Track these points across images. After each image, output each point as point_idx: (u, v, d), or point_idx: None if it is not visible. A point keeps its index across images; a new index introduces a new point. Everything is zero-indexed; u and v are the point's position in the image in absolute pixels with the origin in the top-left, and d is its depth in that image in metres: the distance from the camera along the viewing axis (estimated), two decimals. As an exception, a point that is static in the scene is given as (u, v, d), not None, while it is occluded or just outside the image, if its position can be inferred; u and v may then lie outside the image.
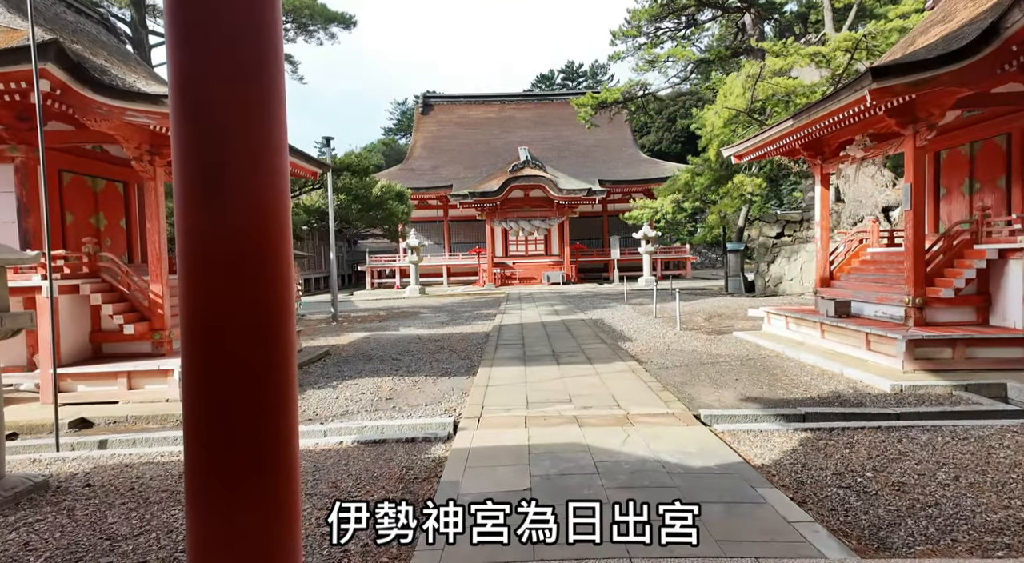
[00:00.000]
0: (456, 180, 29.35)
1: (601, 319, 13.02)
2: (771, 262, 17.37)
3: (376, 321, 14.98)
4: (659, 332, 10.63)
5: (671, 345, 9.14)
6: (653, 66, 20.31)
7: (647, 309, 14.77)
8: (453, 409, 5.96)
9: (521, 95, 39.27)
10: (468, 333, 11.90)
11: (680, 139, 55.01)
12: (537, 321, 13.13)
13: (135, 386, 6.13)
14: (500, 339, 10.49)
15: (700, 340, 9.55)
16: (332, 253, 14.93)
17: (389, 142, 60.53)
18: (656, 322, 12.14)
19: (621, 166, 31.64)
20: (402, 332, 12.51)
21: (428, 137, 35.74)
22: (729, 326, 11.14)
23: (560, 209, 27.93)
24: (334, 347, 10.63)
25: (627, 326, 11.64)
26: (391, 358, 9.25)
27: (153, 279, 6.67)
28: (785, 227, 17.47)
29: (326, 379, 7.74)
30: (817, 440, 4.54)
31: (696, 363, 7.72)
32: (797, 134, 7.72)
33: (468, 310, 17.24)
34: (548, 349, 9.19)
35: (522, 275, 29.08)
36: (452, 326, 13.27)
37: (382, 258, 31.10)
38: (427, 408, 6.06)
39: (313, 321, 15.30)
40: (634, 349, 8.95)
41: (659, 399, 5.86)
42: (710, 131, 16.76)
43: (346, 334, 12.44)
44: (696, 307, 14.64)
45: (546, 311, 15.40)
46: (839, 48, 14.41)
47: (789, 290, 16.52)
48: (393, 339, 11.38)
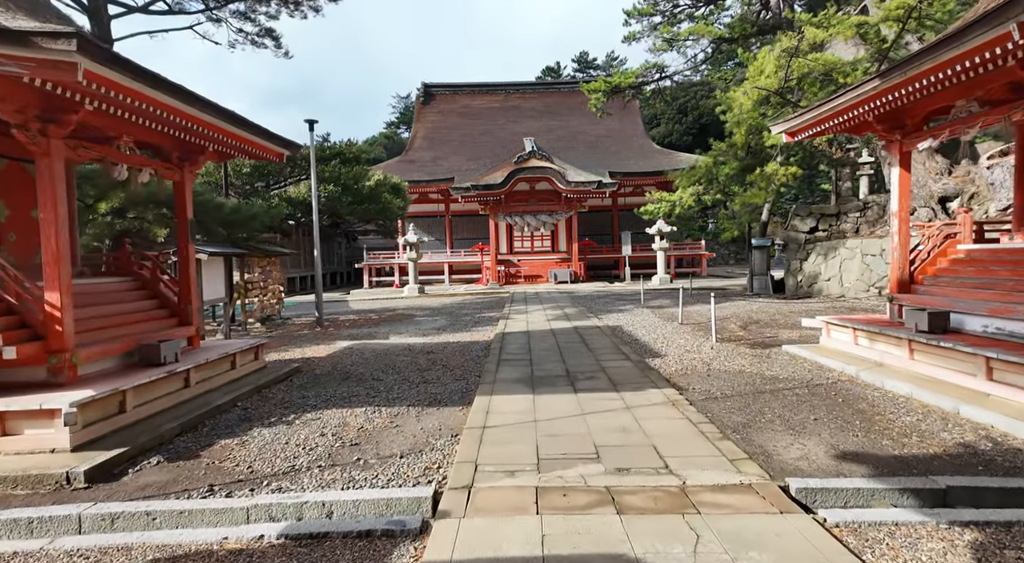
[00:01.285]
0: (458, 172, 27.73)
1: (619, 326, 11.39)
2: (804, 260, 15.67)
3: (366, 326, 13.40)
4: (691, 344, 8.98)
5: (711, 363, 7.50)
6: (672, 45, 18.57)
7: (669, 314, 13.12)
8: (436, 465, 4.36)
9: (527, 84, 37.55)
10: (466, 343, 10.30)
11: (692, 131, 53.14)
12: (545, 328, 11.51)
13: (9, 430, 4.57)
14: (503, 352, 8.88)
15: (745, 356, 7.90)
16: (316, 250, 13.35)
17: (391, 135, 58.98)
18: (684, 331, 10.49)
19: (633, 158, 29.93)
20: (392, 341, 10.93)
21: (429, 128, 34.12)
22: (773, 337, 9.48)
23: (568, 203, 26.26)
24: (308, 361, 9.05)
25: (651, 336, 10.00)
26: (372, 377, 7.66)
27: (49, 286, 5.09)
28: (819, 221, 15.74)
29: (284, 410, 6.15)
30: (998, 546, 2.91)
31: (752, 391, 6.08)
32: (880, 100, 6.05)
33: (469, 312, 15.65)
34: (561, 367, 7.57)
35: (527, 273, 27.44)
36: (449, 333, 11.67)
37: (380, 255, 29.53)
38: (402, 462, 4.46)
39: (295, 326, 13.74)
40: (666, 368, 7.32)
41: (720, 453, 4.24)
42: (737, 114, 15.05)
43: (327, 343, 10.86)
44: (725, 311, 12.97)
45: (555, 315, 13.77)
46: (888, 17, 12.66)
47: (826, 291, 14.82)
48: (380, 350, 9.80)
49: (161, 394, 5.78)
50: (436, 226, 30.85)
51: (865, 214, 15.10)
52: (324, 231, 32.77)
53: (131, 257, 7.22)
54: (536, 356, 8.38)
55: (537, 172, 25.34)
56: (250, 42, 15.12)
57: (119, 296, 6.67)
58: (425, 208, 30.64)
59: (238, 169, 14.83)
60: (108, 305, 6.34)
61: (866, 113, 6.60)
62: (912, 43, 14.78)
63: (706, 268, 29.86)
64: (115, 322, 6.20)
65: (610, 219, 30.81)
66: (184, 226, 7.12)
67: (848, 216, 15.44)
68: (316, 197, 13.38)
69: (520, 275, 27.37)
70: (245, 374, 7.43)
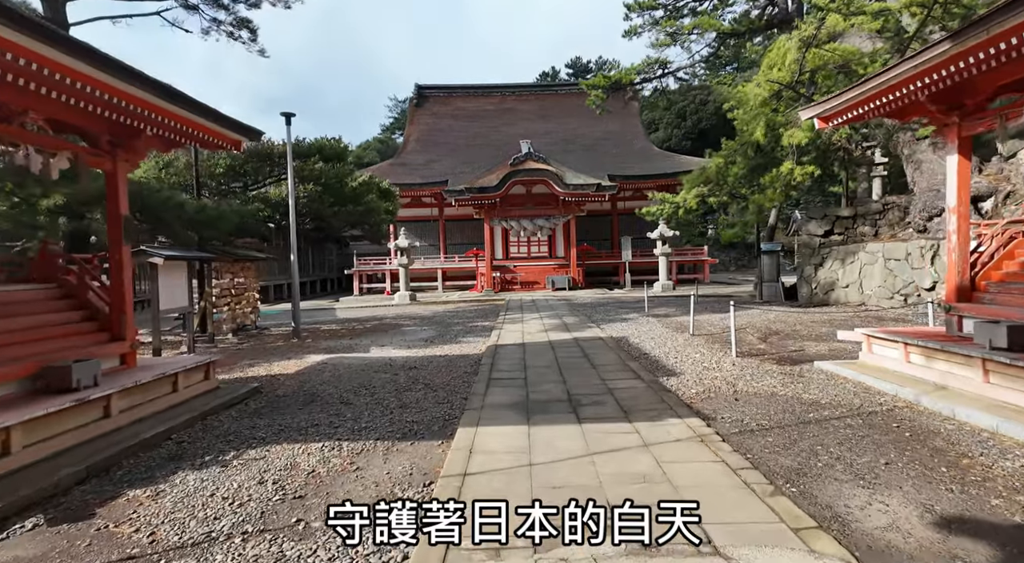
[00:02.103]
0: (452, 175, 26.69)
1: (624, 338, 10.31)
2: (819, 265, 14.66)
3: (347, 337, 12.30)
4: (709, 360, 7.91)
5: (736, 384, 6.43)
6: (675, 40, 17.63)
7: (678, 323, 12.06)
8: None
9: (523, 86, 36.65)
10: (454, 357, 9.21)
11: (691, 136, 52.36)
12: (543, 339, 10.43)
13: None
14: (495, 369, 7.79)
15: (773, 375, 6.84)
16: (292, 254, 12.25)
17: (385, 140, 58.04)
18: (697, 343, 9.42)
19: (632, 160, 28.97)
20: (372, 354, 9.83)
21: (423, 130, 33.13)
22: (799, 351, 8.43)
23: (566, 207, 25.25)
24: (272, 379, 7.95)
25: (662, 349, 8.92)
26: (340, 400, 6.57)
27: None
28: (835, 224, 14.75)
29: (225, 445, 5.05)
30: None
31: (793, 421, 5.01)
32: (944, 70, 5.03)
33: (461, 321, 14.56)
34: (561, 388, 6.49)
35: (524, 279, 26.38)
36: (437, 345, 10.58)
37: (371, 261, 28.43)
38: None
39: (271, 337, 12.63)
40: (685, 391, 6.24)
41: (776, 517, 3.17)
42: (749, 109, 14.07)
43: (300, 357, 9.76)
44: (739, 321, 11.87)
45: (553, 324, 12.70)
46: (914, 2, 11.71)
47: (844, 299, 13.79)
48: (356, 366, 8.70)
49: (69, 428, 4.68)
50: (429, 231, 29.79)
51: (885, 216, 14.11)
52: (312, 236, 31.68)
53: (54, 261, 6.12)
54: (532, 374, 7.30)
55: (534, 174, 24.34)
56: (225, 33, 14.10)
57: (31, 307, 5.57)
58: (418, 212, 29.59)
59: (211, 169, 13.73)
60: (14, 318, 5.24)
61: (919, 90, 5.58)
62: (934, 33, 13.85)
63: (708, 274, 28.84)
64: (20, 338, 5.09)
65: (609, 224, 29.80)
66: (117, 224, 6.03)
67: (866, 219, 14.44)
68: (293, 197, 12.32)
69: (516, 281, 26.31)
70: (189, 398, 6.33)
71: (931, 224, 12.16)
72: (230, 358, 9.86)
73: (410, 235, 26.40)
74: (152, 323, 9.06)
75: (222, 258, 11.31)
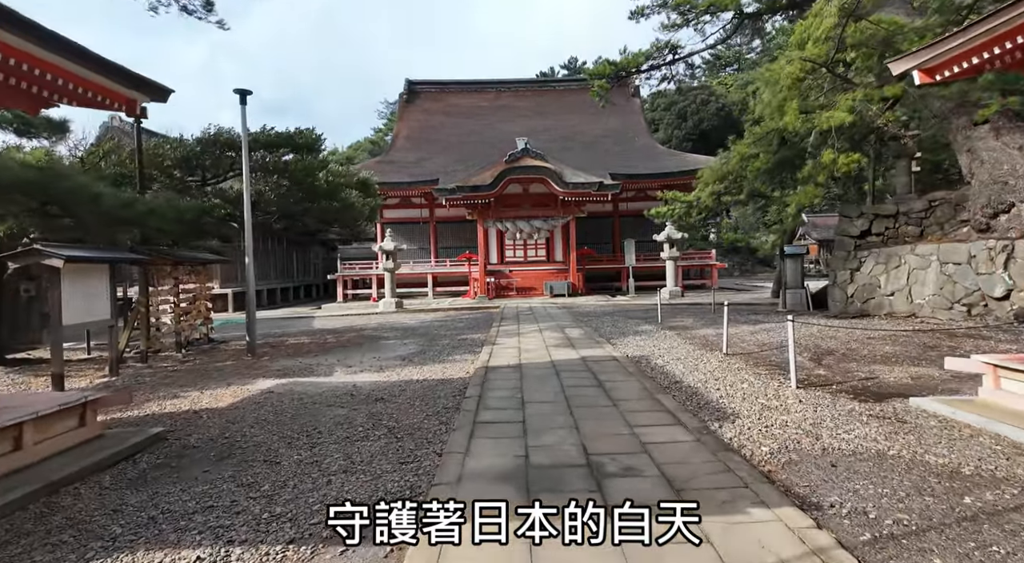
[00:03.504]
0: (443, 174, 24.88)
1: (644, 357, 8.47)
2: (856, 270, 12.88)
3: (313, 353, 10.43)
4: (762, 391, 6.08)
5: (819, 434, 4.60)
6: (688, 21, 15.91)
7: (703, 338, 10.23)
8: None
9: (519, 81, 34.94)
10: (435, 383, 7.36)
11: (691, 136, 50.79)
12: (543, 360, 8.57)
13: None
14: (483, 405, 5.93)
15: (862, 419, 5.01)
16: (248, 257, 10.39)
17: (377, 141, 56.22)
18: (737, 366, 7.59)
19: (636, 159, 27.23)
20: (334, 379, 7.97)
21: (413, 127, 31.34)
22: (872, 378, 6.61)
23: (565, 207, 23.47)
24: (194, 418, 6.07)
25: (696, 375, 7.08)
26: (266, 456, 4.72)
27: None
28: (873, 222, 12.99)
29: (43, 553, 3.18)
30: None
31: (946, 513, 3.19)
32: None
33: (449, 333, 12.71)
34: (573, 440, 4.62)
35: (520, 285, 24.54)
36: (416, 365, 8.73)
37: (356, 265, 26.58)
38: None
39: (223, 354, 10.74)
40: (753, 447, 4.40)
41: None
42: (778, 91, 12.33)
43: (244, 382, 7.89)
44: (772, 336, 10.12)
45: (555, 339, 10.85)
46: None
47: (887, 308, 12.01)
48: (309, 396, 6.83)
49: None
50: (419, 233, 27.95)
51: (933, 213, 12.36)
52: (294, 238, 29.80)
53: None
54: (533, 416, 5.44)
55: (531, 172, 22.55)
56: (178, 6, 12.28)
57: None
58: (407, 214, 27.77)
59: (159, 160, 11.84)
60: None
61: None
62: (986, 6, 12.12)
63: (717, 280, 27.09)
64: None
65: (611, 226, 28.03)
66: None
67: (910, 216, 12.69)
68: (248, 189, 10.48)
69: (512, 287, 24.47)
70: (46, 456, 4.45)
71: (997, 222, 10.41)
72: (154, 384, 7.98)
73: (398, 238, 24.58)
74: (51, 342, 7.18)
75: (160, 260, 9.43)
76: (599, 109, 31.48)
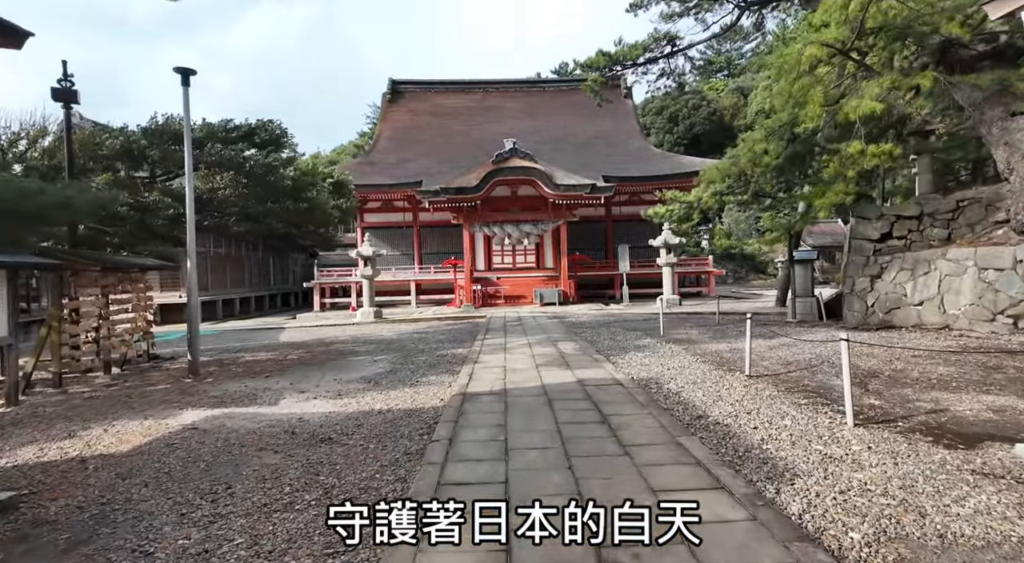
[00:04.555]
0: (427, 176, 23.53)
1: (653, 380, 7.13)
2: (876, 276, 11.68)
3: (264, 374, 8.97)
4: (814, 431, 4.76)
5: (926, 511, 3.27)
6: (688, 9, 14.74)
7: (715, 354, 8.93)
8: None
9: (508, 82, 33.74)
10: (400, 415, 5.97)
11: (683, 141, 49.99)
12: (534, 384, 7.20)
13: None
14: (454, 452, 4.55)
15: (970, 480, 3.70)
16: (190, 260, 8.95)
17: (362, 144, 54.72)
18: (768, 392, 6.27)
19: (629, 161, 26.06)
20: (279, 409, 6.55)
21: (396, 128, 29.99)
22: (941, 411, 5.31)
23: (556, 211, 22.20)
24: (74, 471, 4.64)
25: (722, 406, 5.74)
26: (138, 543, 3.31)
27: None
28: (894, 225, 11.82)
29: None
30: None
31: None
32: None
33: (427, 347, 11.31)
34: (574, 507, 3.26)
35: (508, 293, 23.20)
36: (382, 390, 7.33)
37: (335, 272, 25.09)
38: None
39: (159, 375, 9.25)
40: (834, 532, 3.06)
41: None
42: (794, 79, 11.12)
43: (167, 414, 6.44)
44: (796, 353, 8.84)
45: (546, 355, 9.49)
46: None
47: (915, 319, 10.80)
48: (238, 437, 5.41)
49: None
50: (402, 239, 26.52)
51: (962, 213, 11.20)
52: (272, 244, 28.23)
53: None
54: (518, 472, 4.05)
55: (519, 173, 21.28)
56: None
57: None
58: (389, 218, 26.36)
59: (94, 149, 10.36)
60: None
61: None
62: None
63: (714, 287, 25.91)
64: None
65: (603, 231, 26.81)
66: None
67: (936, 218, 11.52)
68: (190, 183, 9.05)
69: (499, 296, 23.12)
70: None
71: None
72: (52, 418, 6.50)
73: (380, 243, 23.15)
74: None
75: (80, 265, 7.96)
76: (591, 111, 30.35)
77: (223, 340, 14.89)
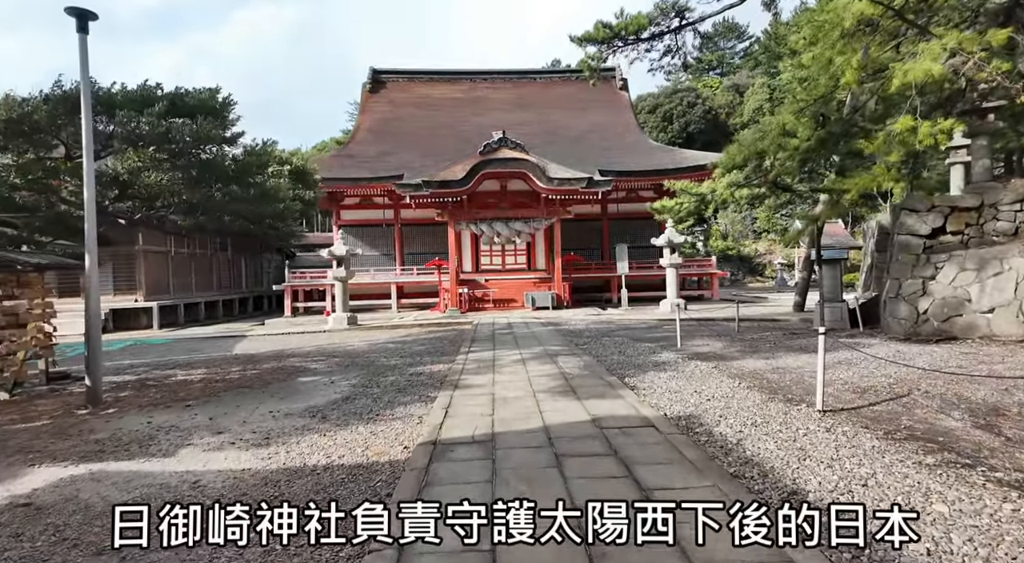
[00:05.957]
0: (409, 170, 21.59)
1: (695, 419, 5.27)
2: (930, 278, 9.96)
3: (183, 402, 6.99)
4: (988, 531, 2.93)
5: None
6: (700, -25, 12.96)
7: (752, 374, 7.09)
8: None
9: (496, 72, 31.91)
10: (342, 477, 4.05)
11: (677, 140, 48.28)
12: (533, 425, 5.30)
13: None
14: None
15: None
16: (88, 257, 6.99)
17: (343, 141, 52.63)
18: (872, 443, 4.42)
19: (625, 155, 24.31)
20: (171, 465, 4.60)
21: (377, 120, 28.02)
22: None
23: (549, 207, 20.37)
24: None
25: (822, 473, 3.86)
26: None
27: None
28: (948, 218, 10.11)
29: None
30: None
31: None
32: None
33: (400, 363, 9.38)
34: None
35: (497, 296, 21.32)
36: (329, 428, 5.40)
37: (308, 274, 23.05)
38: None
39: (52, 402, 7.24)
40: None
41: None
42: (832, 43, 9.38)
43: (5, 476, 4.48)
44: (860, 374, 7.04)
45: (545, 376, 7.61)
46: None
47: (987, 329, 9.09)
48: (81, 522, 3.46)
49: None
50: (382, 238, 24.53)
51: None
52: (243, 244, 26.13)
53: None
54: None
55: (509, 166, 19.42)
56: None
57: None
58: (368, 215, 24.38)
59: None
60: None
61: None
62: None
63: (717, 291, 24.23)
64: None
65: (599, 230, 25.02)
66: None
67: (1000, 210, 9.84)
68: (89, 159, 7.10)
69: (488, 299, 21.23)
70: None
71: None
72: None
73: (358, 242, 21.21)
74: None
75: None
76: (586, 103, 28.70)
77: (170, 351, 12.87)
